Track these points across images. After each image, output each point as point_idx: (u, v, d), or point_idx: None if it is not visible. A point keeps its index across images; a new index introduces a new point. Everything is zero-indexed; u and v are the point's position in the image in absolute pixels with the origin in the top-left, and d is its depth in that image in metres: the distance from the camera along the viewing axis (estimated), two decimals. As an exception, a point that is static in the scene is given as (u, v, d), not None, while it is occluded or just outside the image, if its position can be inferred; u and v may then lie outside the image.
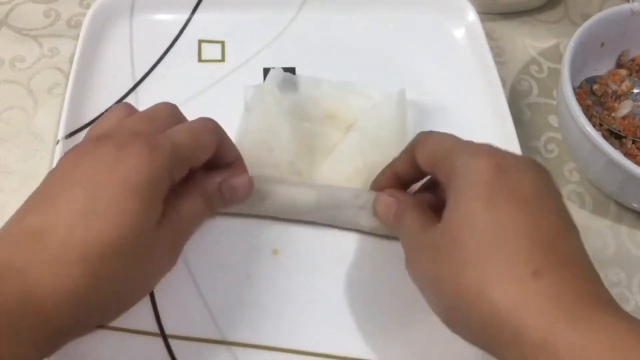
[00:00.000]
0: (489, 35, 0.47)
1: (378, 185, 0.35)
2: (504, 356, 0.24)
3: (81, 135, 0.39)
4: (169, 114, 0.32)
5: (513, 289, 0.23)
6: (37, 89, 0.43)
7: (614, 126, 0.41)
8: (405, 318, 0.34)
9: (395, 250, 0.31)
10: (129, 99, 0.42)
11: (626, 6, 0.43)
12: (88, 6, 0.45)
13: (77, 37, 0.43)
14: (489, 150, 0.28)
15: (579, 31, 0.41)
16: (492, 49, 0.44)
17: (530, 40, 0.49)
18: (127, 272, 0.27)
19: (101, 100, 0.41)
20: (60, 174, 0.28)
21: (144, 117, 0.31)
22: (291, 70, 0.44)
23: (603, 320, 0.23)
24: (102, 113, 0.41)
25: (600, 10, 0.46)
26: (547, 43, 0.49)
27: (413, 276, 0.29)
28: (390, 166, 0.35)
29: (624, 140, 0.41)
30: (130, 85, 0.42)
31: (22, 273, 0.25)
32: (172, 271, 0.30)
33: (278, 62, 0.44)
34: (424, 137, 0.31)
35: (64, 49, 0.45)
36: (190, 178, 0.31)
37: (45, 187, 0.28)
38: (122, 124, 0.30)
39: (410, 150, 0.32)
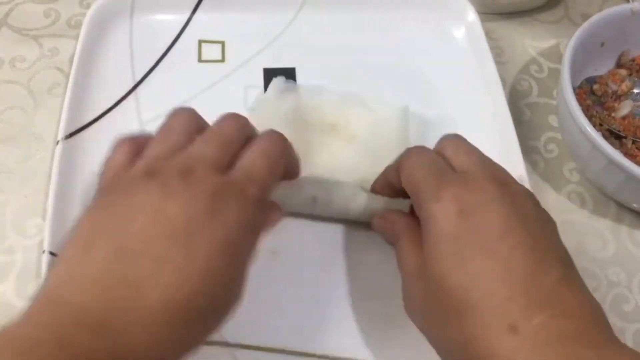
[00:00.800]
0: (489, 35, 0.47)
1: (375, 190, 0.36)
2: None
3: (82, 136, 0.39)
4: (239, 130, 0.30)
5: (494, 345, 0.24)
6: (37, 89, 0.43)
7: (614, 126, 0.41)
8: (407, 319, 0.34)
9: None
10: (129, 99, 0.42)
11: (626, 6, 0.43)
12: (88, 6, 0.45)
13: (77, 37, 0.43)
14: (453, 191, 0.27)
15: (579, 31, 0.41)
16: (492, 49, 0.44)
17: (530, 40, 0.49)
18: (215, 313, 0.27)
19: (101, 100, 0.41)
20: (147, 213, 0.25)
21: (214, 139, 0.29)
22: (291, 70, 0.44)
23: (577, 354, 0.23)
24: (103, 113, 0.41)
25: (600, 10, 0.46)
26: (547, 43, 0.49)
27: (409, 314, 0.30)
28: (384, 175, 0.35)
29: (624, 140, 0.41)
30: (131, 86, 0.42)
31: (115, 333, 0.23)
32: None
33: (278, 62, 0.44)
34: (404, 162, 0.31)
35: (64, 49, 0.45)
36: None
37: (134, 232, 0.25)
38: (196, 151, 0.28)
39: (398, 167, 0.32)
